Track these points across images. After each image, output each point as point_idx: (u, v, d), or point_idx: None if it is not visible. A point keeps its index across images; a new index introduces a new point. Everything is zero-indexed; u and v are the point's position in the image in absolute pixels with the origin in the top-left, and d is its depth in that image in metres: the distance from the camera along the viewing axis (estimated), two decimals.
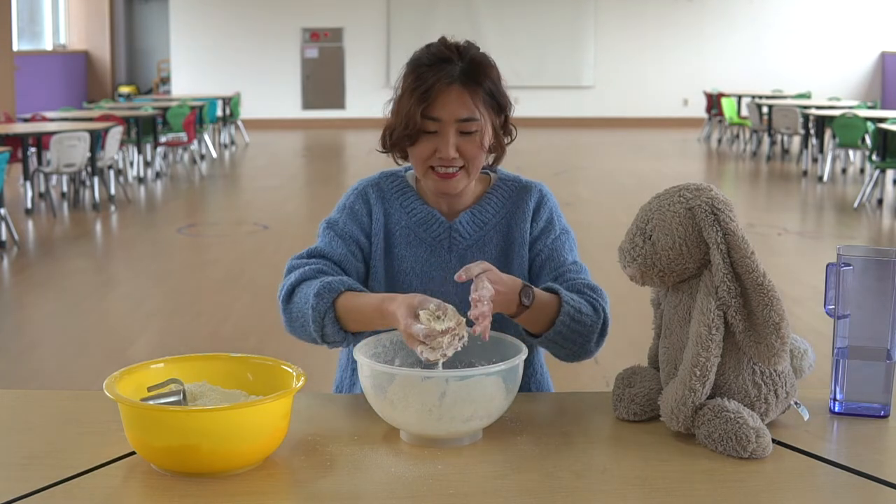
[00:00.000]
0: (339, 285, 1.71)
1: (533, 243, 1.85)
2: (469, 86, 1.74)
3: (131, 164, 11.25)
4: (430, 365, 1.57)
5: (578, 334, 1.72)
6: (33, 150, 9.09)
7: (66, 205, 9.53)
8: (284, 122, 18.54)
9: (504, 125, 1.82)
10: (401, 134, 1.76)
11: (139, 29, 21.83)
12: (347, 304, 1.69)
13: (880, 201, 9.33)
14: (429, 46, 1.78)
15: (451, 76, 1.73)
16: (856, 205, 9.25)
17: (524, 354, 1.54)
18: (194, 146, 12.38)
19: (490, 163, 1.86)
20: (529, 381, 1.88)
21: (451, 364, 1.60)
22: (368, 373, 1.53)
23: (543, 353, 1.97)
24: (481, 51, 1.79)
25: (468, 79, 1.74)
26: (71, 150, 8.67)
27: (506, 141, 1.84)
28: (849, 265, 1.57)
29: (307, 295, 1.72)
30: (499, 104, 1.78)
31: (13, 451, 1.48)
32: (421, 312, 1.52)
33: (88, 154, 8.99)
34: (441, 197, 1.84)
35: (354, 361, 1.88)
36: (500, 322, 1.71)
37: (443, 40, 1.78)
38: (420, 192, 1.87)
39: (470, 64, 1.74)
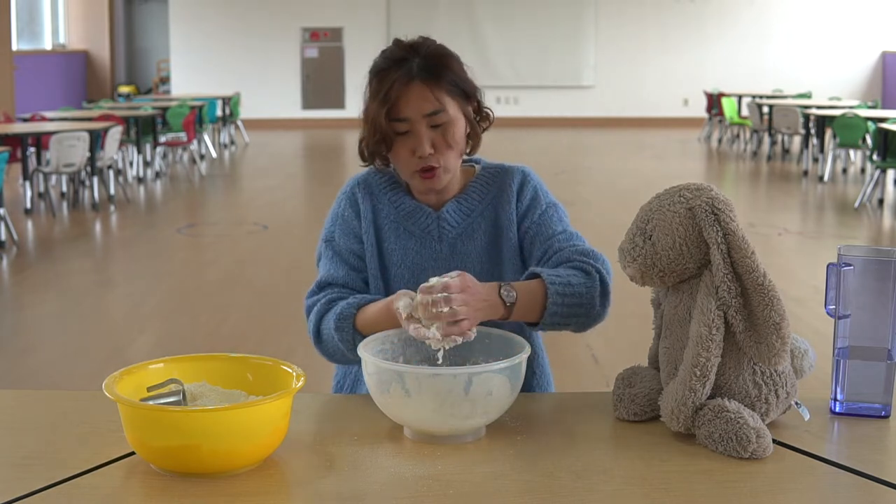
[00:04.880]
0: (350, 309, 1.73)
1: (520, 222, 1.85)
2: (429, 80, 1.73)
3: (131, 163, 11.25)
4: (435, 362, 1.60)
5: (578, 305, 1.70)
6: (33, 149, 9.08)
7: (65, 205, 9.53)
8: (284, 122, 18.54)
9: (478, 111, 1.82)
10: (373, 141, 1.76)
11: (139, 29, 21.83)
12: (364, 321, 1.71)
13: (881, 201, 9.33)
14: (384, 51, 1.78)
15: (409, 74, 1.72)
16: (856, 205, 9.25)
17: (528, 352, 1.55)
18: (194, 146, 12.38)
19: (468, 151, 1.85)
20: (532, 382, 1.88)
21: (455, 362, 1.62)
22: (373, 370, 1.53)
23: (546, 353, 1.97)
24: (438, 43, 1.79)
25: (427, 73, 1.73)
26: (70, 149, 8.67)
27: (482, 127, 1.84)
28: (849, 265, 1.57)
29: (330, 330, 1.75)
30: (465, 92, 1.78)
31: (13, 451, 1.48)
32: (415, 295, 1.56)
33: (88, 154, 8.99)
34: (428, 194, 1.84)
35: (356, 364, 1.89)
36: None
37: (396, 41, 1.78)
38: (408, 187, 1.87)
39: (426, 59, 1.74)
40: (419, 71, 1.73)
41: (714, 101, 15.42)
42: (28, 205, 8.86)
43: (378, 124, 1.73)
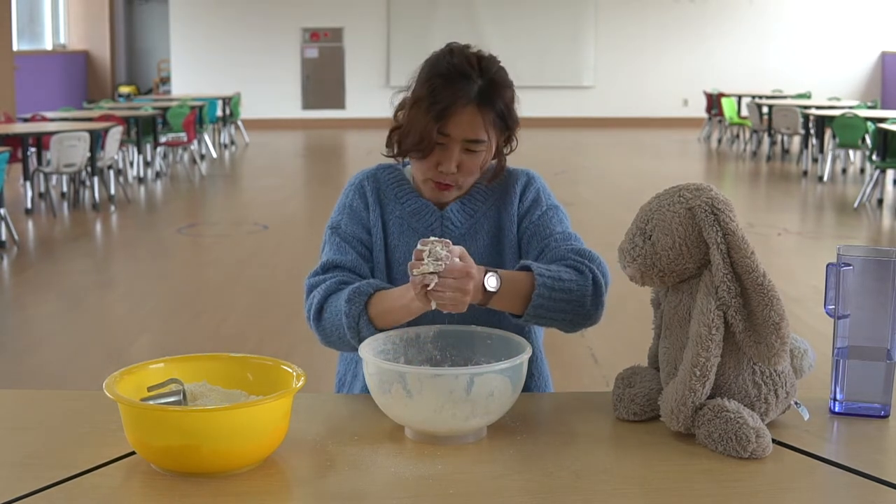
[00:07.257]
0: (369, 288, 1.72)
1: (520, 221, 1.86)
2: (483, 107, 1.74)
3: (131, 164, 11.25)
4: (437, 363, 1.62)
5: (565, 301, 1.70)
6: (33, 150, 9.08)
7: (66, 205, 9.53)
8: (284, 122, 18.54)
9: (507, 140, 1.84)
10: (413, 146, 1.76)
11: (139, 29, 21.83)
12: (380, 303, 1.70)
13: (880, 201, 9.33)
14: (451, 53, 1.77)
15: (467, 97, 1.73)
16: (856, 205, 9.25)
17: (529, 353, 1.55)
18: (194, 146, 12.38)
19: (491, 178, 1.86)
20: (530, 384, 1.88)
21: (457, 362, 1.63)
22: (374, 370, 1.53)
23: (546, 354, 1.97)
24: (501, 66, 1.79)
25: (483, 100, 1.74)
26: (71, 150, 8.67)
27: (506, 151, 1.86)
28: (849, 265, 1.57)
29: (338, 306, 1.72)
30: (507, 124, 1.79)
31: (13, 451, 1.48)
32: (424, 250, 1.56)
33: (88, 154, 8.99)
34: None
35: (357, 357, 1.89)
36: (500, 319, 1.72)
37: (465, 51, 1.77)
38: (415, 185, 1.89)
39: (488, 84, 1.74)
40: (478, 94, 1.73)
41: (714, 102, 15.42)
42: (29, 205, 8.87)
43: (426, 135, 1.73)
